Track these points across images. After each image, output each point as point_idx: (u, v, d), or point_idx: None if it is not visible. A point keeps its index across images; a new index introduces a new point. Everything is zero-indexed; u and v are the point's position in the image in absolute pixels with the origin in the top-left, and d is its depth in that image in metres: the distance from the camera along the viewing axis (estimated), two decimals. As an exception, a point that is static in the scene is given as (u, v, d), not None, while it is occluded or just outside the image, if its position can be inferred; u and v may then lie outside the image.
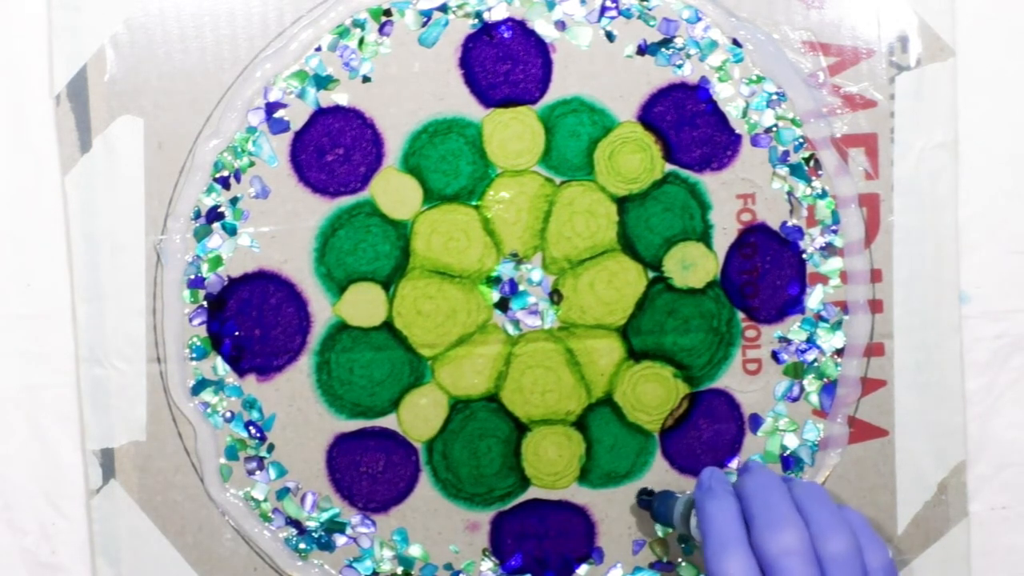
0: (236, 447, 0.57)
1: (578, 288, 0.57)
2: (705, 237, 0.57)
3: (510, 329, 0.57)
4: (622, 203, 0.57)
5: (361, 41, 0.56)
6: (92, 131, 0.55)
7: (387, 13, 0.56)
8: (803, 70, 0.56)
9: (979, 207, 0.57)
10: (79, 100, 0.55)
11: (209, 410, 0.57)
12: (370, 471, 0.57)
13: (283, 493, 0.57)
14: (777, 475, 0.50)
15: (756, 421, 0.58)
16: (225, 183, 0.56)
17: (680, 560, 0.58)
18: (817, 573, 0.46)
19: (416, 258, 0.57)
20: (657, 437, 0.58)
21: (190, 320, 0.56)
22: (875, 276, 0.57)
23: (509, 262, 0.57)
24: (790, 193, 0.57)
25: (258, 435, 0.57)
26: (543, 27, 0.56)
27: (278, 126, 0.56)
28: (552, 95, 0.56)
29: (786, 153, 0.57)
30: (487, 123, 0.56)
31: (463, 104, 0.56)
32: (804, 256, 0.57)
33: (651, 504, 0.55)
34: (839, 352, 0.57)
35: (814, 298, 0.57)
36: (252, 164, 0.56)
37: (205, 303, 0.56)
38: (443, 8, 0.56)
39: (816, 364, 0.57)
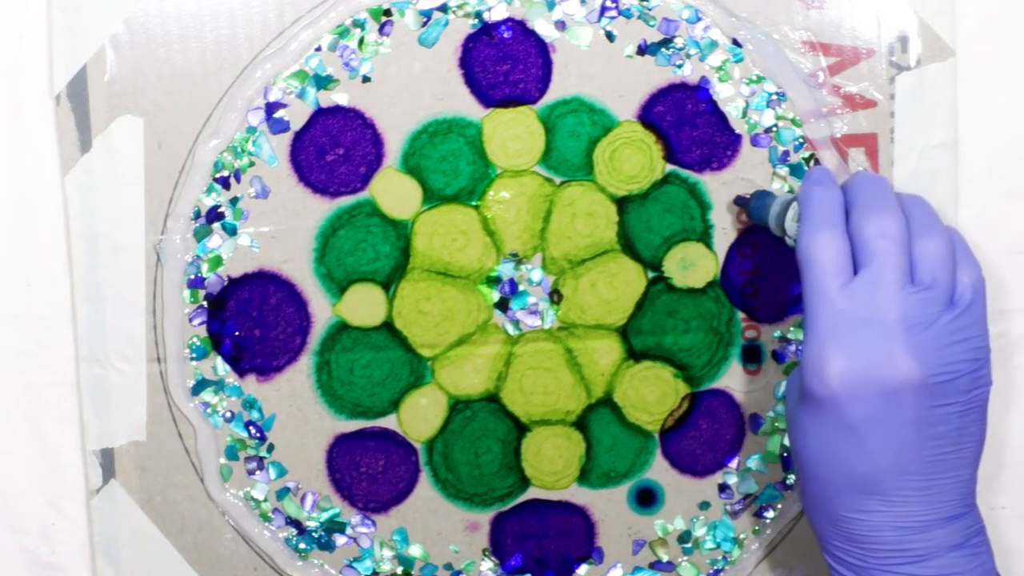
0: (236, 447, 0.57)
1: (578, 288, 0.57)
2: (705, 237, 0.57)
3: (510, 329, 0.57)
4: (622, 203, 0.57)
5: (361, 41, 0.56)
6: (92, 131, 0.55)
7: (387, 13, 0.56)
8: (803, 70, 0.56)
9: (979, 207, 0.57)
10: (79, 100, 0.55)
11: (209, 410, 0.57)
12: (370, 471, 0.57)
13: (283, 493, 0.57)
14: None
15: (756, 421, 0.58)
16: (225, 183, 0.56)
17: (680, 560, 0.58)
18: (907, 265, 0.45)
19: (416, 258, 0.57)
20: (657, 437, 0.58)
21: (190, 320, 0.56)
22: (875, 276, 0.57)
23: (509, 262, 0.57)
24: (790, 193, 0.57)
25: (258, 435, 0.57)
26: (543, 27, 0.56)
27: (278, 126, 0.56)
28: (552, 95, 0.56)
29: (786, 153, 0.57)
30: (487, 123, 0.56)
31: (463, 104, 0.56)
32: (804, 256, 0.57)
33: (748, 202, 0.54)
34: (839, 352, 0.57)
35: (814, 298, 0.57)
36: (252, 164, 0.56)
37: (205, 303, 0.56)
38: (443, 8, 0.56)
39: (816, 364, 0.57)
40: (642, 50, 0.56)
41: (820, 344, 0.45)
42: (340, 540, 0.57)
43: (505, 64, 0.56)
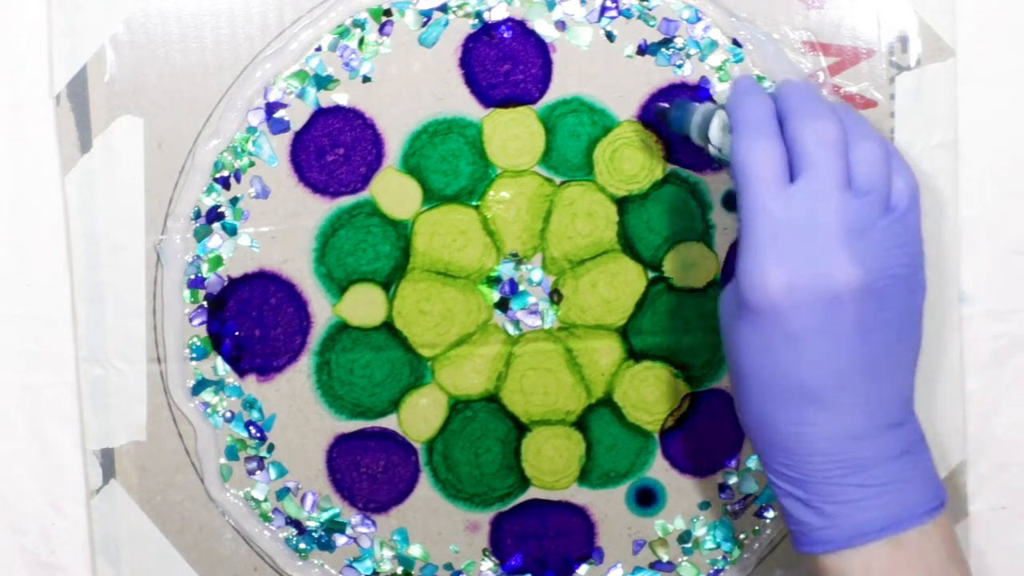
0: (236, 447, 0.57)
1: (578, 288, 0.57)
2: (706, 237, 0.57)
3: (510, 329, 0.57)
4: (622, 203, 0.57)
5: (361, 41, 0.56)
6: (92, 131, 0.55)
7: (387, 13, 0.56)
8: (803, 70, 0.56)
9: (979, 207, 0.57)
10: (79, 100, 0.55)
11: (209, 410, 0.57)
12: (370, 471, 0.57)
13: (283, 493, 0.57)
14: None
15: (756, 421, 0.58)
16: (225, 183, 0.56)
17: (680, 560, 0.58)
18: (845, 171, 0.45)
19: (416, 258, 0.57)
20: (657, 437, 0.58)
21: (190, 320, 0.56)
22: (875, 276, 0.57)
23: (509, 262, 0.57)
24: (790, 193, 0.57)
25: (258, 435, 0.57)
26: (543, 27, 0.56)
27: (278, 126, 0.56)
28: (552, 95, 0.56)
29: (786, 153, 0.57)
30: (487, 123, 0.56)
31: (463, 104, 0.56)
32: (804, 256, 0.57)
33: (667, 112, 0.53)
34: (839, 352, 0.57)
35: (814, 298, 0.57)
36: (252, 164, 0.56)
37: (205, 303, 0.56)
38: (443, 8, 0.56)
39: (816, 364, 0.57)
40: (642, 50, 0.56)
41: (759, 254, 0.44)
42: (340, 540, 0.57)
43: (505, 64, 0.56)
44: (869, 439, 0.45)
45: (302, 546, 0.57)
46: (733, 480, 0.58)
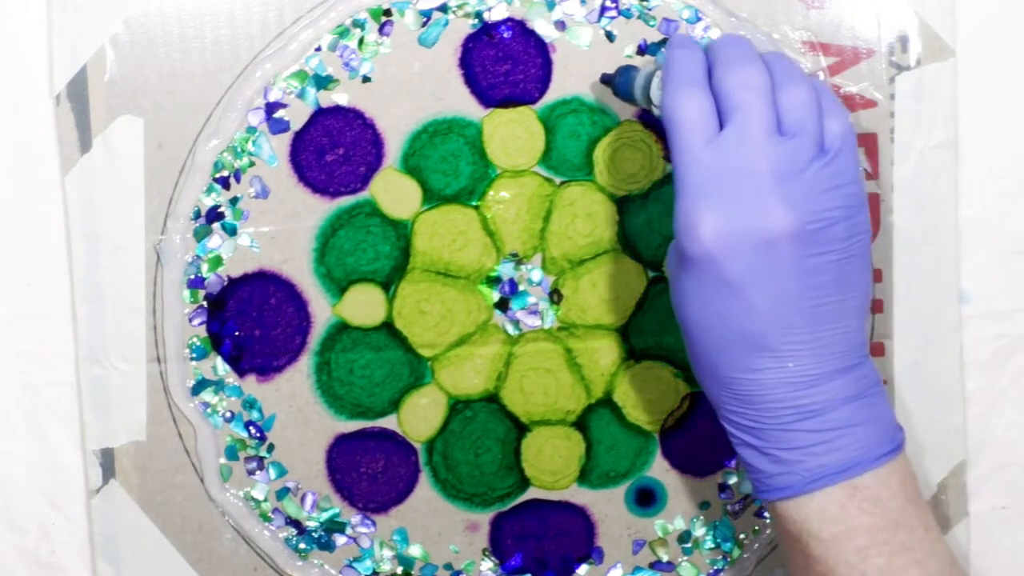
0: (236, 447, 0.57)
1: (578, 288, 0.57)
2: (705, 237, 0.57)
3: (510, 329, 0.57)
4: (622, 203, 0.57)
5: (361, 41, 0.56)
6: (92, 131, 0.55)
7: (387, 13, 0.56)
8: (803, 70, 0.56)
9: (979, 207, 0.57)
10: (79, 100, 0.55)
11: (209, 410, 0.57)
12: (370, 471, 0.57)
13: (283, 493, 0.57)
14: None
15: (756, 421, 0.58)
16: (225, 183, 0.56)
17: (680, 560, 0.58)
18: (773, 117, 0.45)
19: (416, 258, 0.57)
20: (657, 437, 0.58)
21: (190, 320, 0.56)
22: (875, 276, 0.57)
23: (509, 262, 0.57)
24: (790, 193, 0.57)
25: (258, 435, 0.57)
26: (543, 27, 0.56)
27: (278, 126, 0.56)
28: (552, 95, 0.56)
29: (786, 153, 0.57)
30: (487, 123, 0.56)
31: (463, 104, 0.56)
32: (804, 256, 0.57)
33: (613, 78, 0.53)
34: (839, 352, 0.57)
35: (814, 298, 0.57)
36: (252, 164, 0.56)
37: (205, 303, 0.56)
38: (443, 8, 0.56)
39: (816, 364, 0.57)
40: (642, 50, 0.56)
41: (691, 203, 0.44)
42: (340, 540, 0.58)
43: (505, 64, 0.56)
44: (820, 384, 0.45)
45: (302, 546, 0.57)
46: (733, 480, 0.58)
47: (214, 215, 0.56)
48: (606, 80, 0.54)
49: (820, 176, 0.45)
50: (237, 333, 0.56)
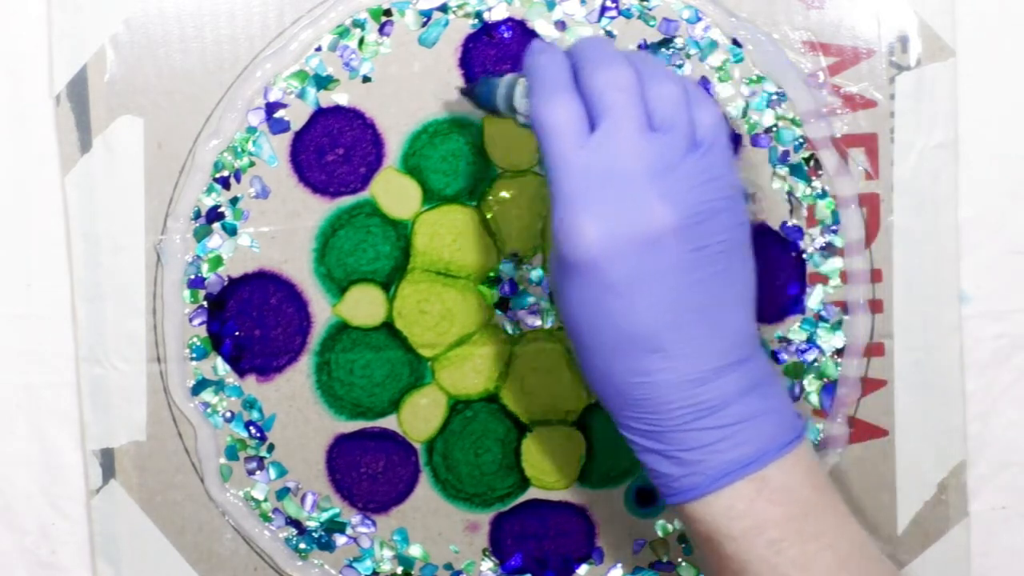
0: (236, 447, 0.57)
1: (578, 288, 0.57)
2: (705, 237, 0.57)
3: (510, 329, 0.57)
4: (622, 203, 0.57)
5: (361, 41, 0.56)
6: (92, 131, 0.55)
7: (387, 13, 0.56)
8: (803, 70, 0.56)
9: (979, 207, 0.57)
10: (79, 100, 0.55)
11: (209, 410, 0.57)
12: (370, 471, 0.57)
13: (283, 493, 0.57)
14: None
15: (756, 421, 0.58)
16: (225, 183, 0.56)
17: (680, 560, 0.58)
18: (643, 114, 0.44)
19: (416, 258, 0.57)
20: (657, 437, 0.58)
21: (190, 320, 0.56)
22: (875, 276, 0.57)
23: (509, 262, 0.57)
24: (790, 193, 0.57)
25: (258, 435, 0.57)
26: (543, 27, 0.56)
27: (278, 126, 0.56)
28: (552, 95, 0.56)
29: (786, 153, 0.57)
30: (487, 123, 0.56)
31: (463, 104, 0.56)
32: (804, 256, 0.57)
33: (473, 90, 0.52)
34: (839, 352, 0.57)
35: (814, 298, 0.57)
36: (252, 164, 0.56)
37: (205, 303, 0.56)
38: (443, 8, 0.56)
39: (816, 364, 0.57)
40: (642, 50, 0.56)
41: (569, 209, 0.44)
42: (340, 540, 0.57)
43: (505, 64, 0.56)
44: (714, 380, 0.45)
45: (302, 546, 0.57)
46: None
47: (214, 215, 0.56)
48: (465, 92, 0.53)
49: (695, 169, 0.44)
50: (237, 333, 0.56)
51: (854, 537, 0.46)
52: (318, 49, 0.56)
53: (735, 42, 0.56)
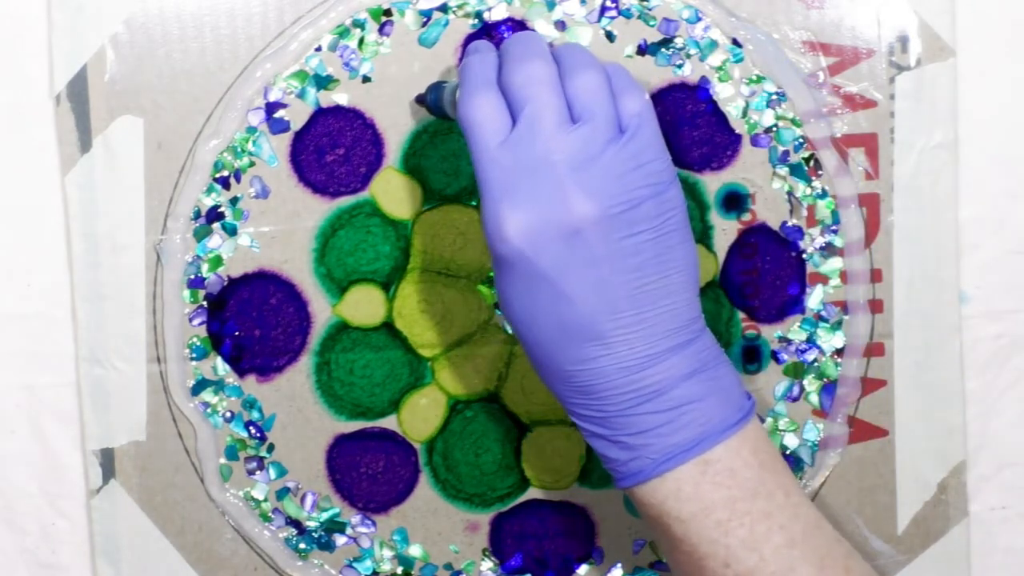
0: (236, 447, 0.57)
1: (578, 288, 0.57)
2: (705, 237, 0.57)
3: (510, 329, 0.57)
4: (622, 203, 0.57)
5: (361, 41, 0.56)
6: (92, 131, 0.55)
7: (387, 13, 0.56)
8: (803, 70, 0.56)
9: (979, 207, 0.57)
10: (79, 100, 0.55)
11: (209, 410, 0.57)
12: (370, 471, 0.57)
13: (283, 493, 0.57)
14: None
15: (756, 421, 0.58)
16: (225, 183, 0.56)
17: (680, 560, 0.58)
18: (563, 107, 0.45)
19: (416, 258, 0.57)
20: (657, 437, 0.58)
21: (190, 320, 0.56)
22: (875, 276, 0.57)
23: (509, 262, 0.57)
24: (790, 193, 0.57)
25: (258, 435, 0.57)
26: (543, 27, 0.56)
27: (278, 126, 0.56)
28: (552, 95, 0.56)
29: (786, 153, 0.57)
30: (487, 123, 0.56)
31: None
32: (804, 256, 0.57)
33: (425, 98, 0.53)
34: (839, 352, 0.57)
35: (814, 298, 0.57)
36: (252, 164, 0.56)
37: (205, 303, 0.56)
38: (443, 8, 0.56)
39: (816, 364, 0.57)
40: (642, 50, 0.56)
41: (494, 203, 0.44)
42: (340, 540, 0.58)
43: (505, 64, 0.56)
44: (654, 364, 0.45)
45: (302, 546, 0.57)
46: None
47: (214, 215, 0.56)
48: (419, 100, 0.54)
49: (618, 158, 0.44)
50: (237, 333, 0.56)
51: (807, 518, 0.46)
52: (318, 49, 0.56)
53: (735, 42, 0.56)
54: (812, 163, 0.57)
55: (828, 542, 0.46)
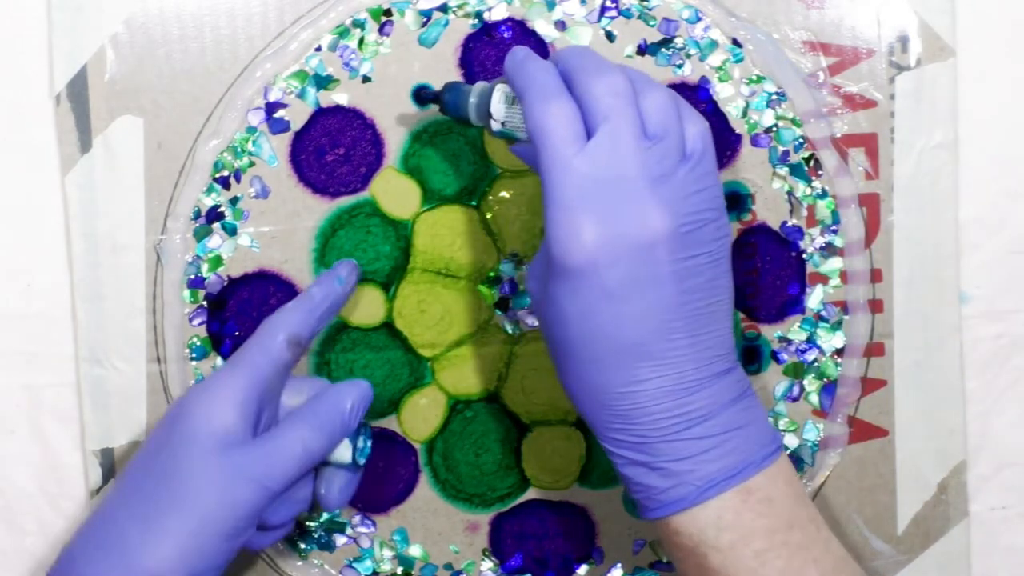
0: (236, 447, 0.57)
1: (578, 288, 0.57)
2: (705, 237, 0.57)
3: (510, 329, 0.57)
4: (622, 203, 0.57)
5: (361, 41, 0.56)
6: (92, 131, 0.55)
7: (387, 13, 0.56)
8: (803, 70, 0.56)
9: (979, 207, 0.57)
10: (79, 100, 0.55)
11: (209, 410, 0.56)
12: (370, 471, 0.57)
13: (283, 493, 0.57)
14: None
15: (756, 421, 0.58)
16: (225, 183, 0.56)
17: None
18: (638, 119, 0.45)
19: (416, 258, 0.57)
20: (657, 437, 0.58)
21: (190, 320, 0.56)
22: (875, 276, 0.57)
23: (509, 262, 0.57)
24: (790, 193, 0.57)
25: (258, 435, 0.57)
26: (543, 27, 0.56)
27: (278, 126, 0.56)
28: (552, 95, 0.56)
29: (786, 153, 0.57)
30: (487, 123, 0.56)
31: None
32: (804, 256, 0.57)
33: (440, 96, 0.52)
34: (839, 352, 0.57)
35: (814, 298, 0.57)
36: (252, 164, 0.56)
37: (205, 303, 0.56)
38: (443, 8, 0.56)
39: (816, 364, 0.57)
40: (642, 50, 0.56)
41: (568, 213, 0.44)
42: (340, 540, 0.57)
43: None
44: (702, 389, 0.45)
45: (302, 546, 0.57)
46: None
47: (214, 215, 0.56)
48: (428, 97, 0.53)
49: (688, 179, 0.45)
50: (237, 333, 0.56)
51: (837, 552, 0.47)
52: (318, 49, 0.56)
53: (735, 42, 0.56)
54: (812, 163, 0.57)
55: None
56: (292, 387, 0.51)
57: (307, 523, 0.57)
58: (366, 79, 0.56)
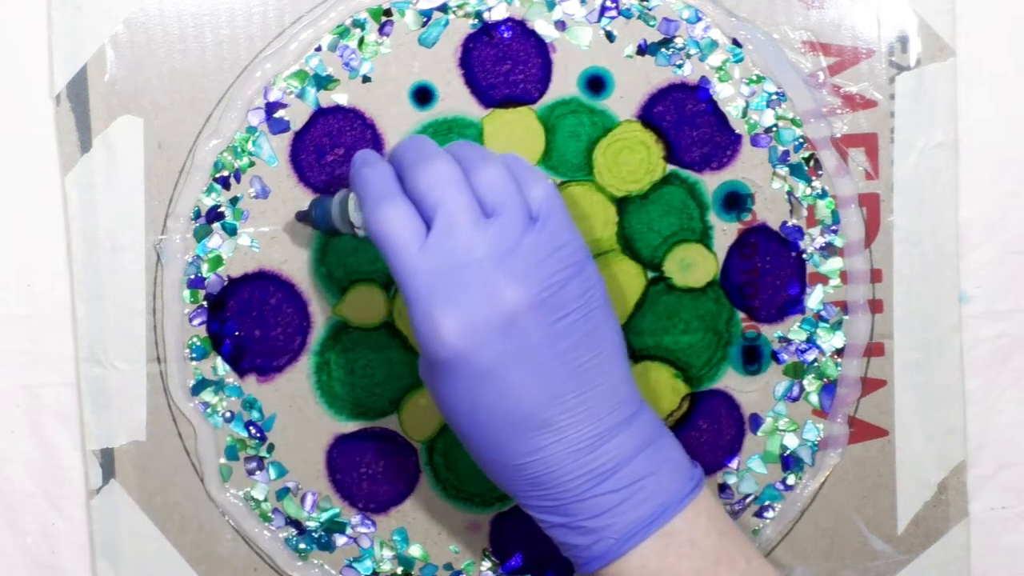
0: (236, 447, 0.57)
1: (578, 288, 0.57)
2: (705, 237, 0.57)
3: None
4: (622, 203, 0.57)
5: (361, 41, 0.56)
6: (92, 131, 0.55)
7: (387, 13, 0.56)
8: (803, 70, 0.56)
9: (979, 207, 0.57)
10: (79, 100, 0.55)
11: (209, 410, 0.57)
12: (370, 471, 0.57)
13: (283, 493, 0.57)
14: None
15: (756, 421, 0.58)
16: (225, 183, 0.56)
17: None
18: (474, 203, 0.45)
19: (416, 258, 0.57)
20: (657, 437, 0.58)
21: (190, 320, 0.56)
22: (875, 276, 0.57)
23: (509, 262, 0.57)
24: (790, 193, 0.57)
25: (258, 435, 0.57)
26: (543, 27, 0.56)
27: (278, 126, 0.56)
28: (552, 95, 0.56)
29: (786, 153, 0.57)
30: (487, 123, 0.56)
31: (463, 104, 0.56)
32: (804, 256, 0.57)
33: (309, 214, 0.53)
34: (839, 352, 0.57)
35: (814, 298, 0.57)
36: (252, 164, 0.56)
37: (205, 303, 0.56)
38: (443, 8, 0.56)
39: (816, 364, 0.57)
40: (642, 50, 0.56)
41: (423, 310, 0.44)
42: (340, 540, 0.58)
43: (505, 64, 0.56)
44: (605, 443, 0.45)
45: (302, 546, 0.57)
46: (733, 480, 0.58)
47: (214, 215, 0.56)
48: (302, 217, 0.54)
49: (537, 244, 0.45)
50: (237, 333, 0.56)
51: None
52: (318, 49, 0.56)
53: (735, 42, 0.56)
54: (812, 163, 0.57)
55: None
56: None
57: (307, 523, 0.57)
58: (366, 79, 0.56)
